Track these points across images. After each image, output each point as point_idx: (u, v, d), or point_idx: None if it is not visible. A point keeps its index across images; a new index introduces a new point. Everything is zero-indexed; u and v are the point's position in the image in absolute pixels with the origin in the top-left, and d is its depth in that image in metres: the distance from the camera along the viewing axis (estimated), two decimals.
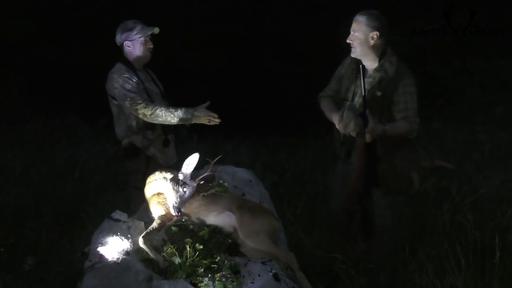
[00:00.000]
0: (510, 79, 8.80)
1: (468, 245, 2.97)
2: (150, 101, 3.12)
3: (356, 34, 2.94)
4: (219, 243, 2.48)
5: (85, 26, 9.26)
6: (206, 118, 3.03)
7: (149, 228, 2.48)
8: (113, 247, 2.43)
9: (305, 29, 10.08)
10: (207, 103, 3.09)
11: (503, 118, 7.40)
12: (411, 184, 2.94)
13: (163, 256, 2.38)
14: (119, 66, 3.17)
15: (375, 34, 2.91)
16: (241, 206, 2.62)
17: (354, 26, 2.96)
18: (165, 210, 2.56)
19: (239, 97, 8.91)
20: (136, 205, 2.96)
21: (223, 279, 2.24)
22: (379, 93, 2.93)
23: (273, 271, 2.35)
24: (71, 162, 5.35)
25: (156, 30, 3.19)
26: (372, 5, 3.03)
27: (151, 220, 2.58)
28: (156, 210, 2.59)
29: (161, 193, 2.60)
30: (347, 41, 2.99)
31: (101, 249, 2.42)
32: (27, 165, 5.16)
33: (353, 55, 3.01)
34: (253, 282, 2.28)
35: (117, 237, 2.48)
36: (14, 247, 3.47)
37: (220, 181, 2.80)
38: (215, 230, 2.57)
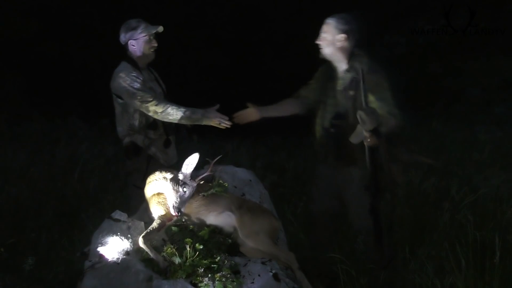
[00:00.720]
0: (510, 79, 8.80)
1: (468, 245, 2.97)
2: None
3: (325, 35, 3.07)
4: (219, 243, 2.48)
5: (85, 26, 9.26)
6: (217, 120, 3.01)
7: (149, 228, 2.48)
8: (113, 247, 2.43)
9: (306, 29, 10.07)
10: (217, 106, 3.09)
11: (503, 118, 7.40)
12: (394, 180, 2.98)
13: (163, 256, 2.38)
14: (125, 65, 3.17)
15: (342, 36, 3.03)
16: (241, 206, 2.63)
17: (323, 27, 3.09)
18: (165, 210, 2.56)
19: (239, 97, 8.91)
20: (136, 204, 2.96)
21: (223, 279, 2.24)
22: (351, 93, 3.01)
23: (273, 271, 2.35)
24: (71, 162, 5.36)
25: (160, 28, 3.20)
26: (372, 6, 3.04)
27: (151, 220, 2.58)
28: (156, 210, 2.59)
29: (161, 193, 2.60)
30: (316, 42, 3.12)
31: (101, 249, 2.42)
32: (27, 165, 5.16)
33: (322, 56, 3.14)
34: (253, 282, 2.28)
35: (117, 237, 2.48)
36: (14, 247, 3.47)
37: (220, 181, 2.80)
38: (215, 230, 2.57)
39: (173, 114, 3.01)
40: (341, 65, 3.10)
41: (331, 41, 3.05)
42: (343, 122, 3.04)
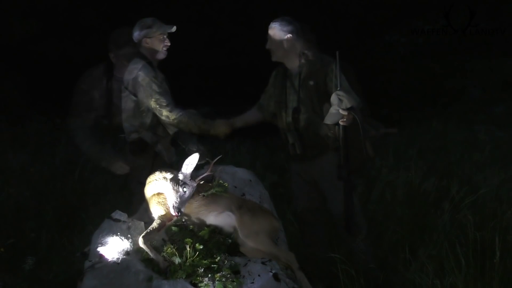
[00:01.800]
0: (510, 79, 8.80)
1: (468, 245, 2.97)
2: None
3: (272, 39, 3.24)
4: (219, 243, 2.48)
5: (86, 26, 9.26)
6: (223, 132, 3.15)
7: (149, 228, 2.48)
8: (113, 247, 2.43)
9: (307, 30, 10.07)
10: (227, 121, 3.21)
11: (503, 118, 7.40)
12: (368, 156, 3.13)
13: (163, 256, 2.38)
14: (142, 63, 3.16)
15: (288, 36, 3.20)
16: (241, 206, 2.63)
17: (269, 32, 3.26)
18: (165, 210, 2.56)
19: (239, 97, 8.91)
20: (139, 200, 2.97)
21: (223, 279, 2.24)
22: (311, 82, 3.19)
23: (273, 271, 2.35)
24: (71, 162, 5.35)
25: (174, 28, 3.25)
26: (373, 5, 3.06)
27: (151, 220, 2.58)
28: (156, 210, 2.59)
29: (161, 193, 2.60)
30: (266, 47, 3.27)
31: (101, 249, 2.42)
32: (27, 165, 5.16)
33: (273, 59, 3.29)
34: (253, 282, 2.28)
35: (117, 237, 2.48)
36: (14, 247, 3.47)
37: (220, 181, 2.80)
38: (215, 230, 2.57)
39: (185, 123, 3.09)
40: (295, 62, 3.27)
41: (279, 43, 3.22)
42: (306, 113, 3.20)
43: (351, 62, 3.20)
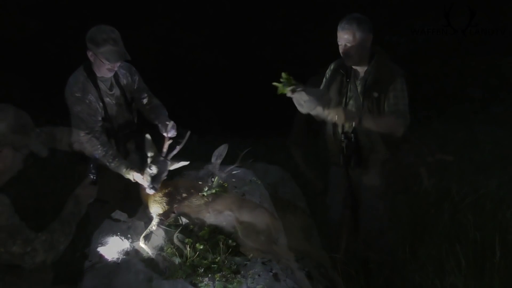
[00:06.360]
0: (510, 79, 8.80)
1: (468, 245, 2.97)
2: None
3: (351, 42, 2.80)
4: (219, 243, 2.48)
5: (86, 26, 9.26)
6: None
7: (149, 228, 2.49)
8: (113, 247, 2.43)
9: (307, 30, 10.09)
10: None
11: (503, 118, 7.40)
12: (415, 181, 2.97)
13: (163, 256, 2.38)
14: (78, 72, 3.07)
15: (370, 37, 2.83)
16: (241, 206, 2.63)
17: (345, 35, 2.80)
18: (162, 208, 2.58)
19: (239, 97, 8.92)
20: (96, 216, 2.92)
21: (223, 279, 2.25)
22: (375, 94, 2.85)
23: (273, 271, 2.35)
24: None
25: (117, 64, 2.94)
26: (373, 5, 3.03)
27: (151, 219, 2.59)
28: (154, 209, 2.60)
29: (157, 192, 2.63)
30: (343, 53, 2.84)
31: (101, 249, 2.42)
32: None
33: (349, 64, 2.90)
34: (253, 282, 2.29)
35: (117, 237, 2.49)
36: None
37: (220, 181, 2.80)
38: (215, 230, 2.57)
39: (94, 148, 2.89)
40: (362, 66, 2.91)
41: (360, 46, 2.80)
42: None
43: None
